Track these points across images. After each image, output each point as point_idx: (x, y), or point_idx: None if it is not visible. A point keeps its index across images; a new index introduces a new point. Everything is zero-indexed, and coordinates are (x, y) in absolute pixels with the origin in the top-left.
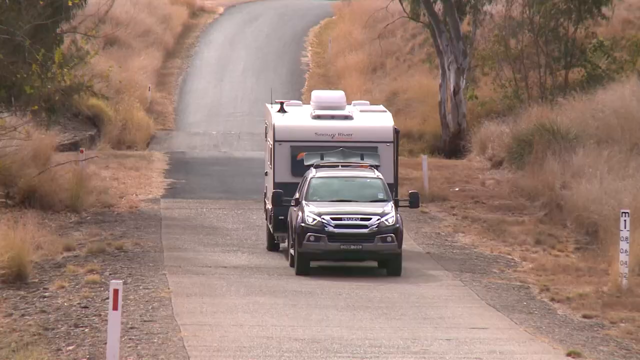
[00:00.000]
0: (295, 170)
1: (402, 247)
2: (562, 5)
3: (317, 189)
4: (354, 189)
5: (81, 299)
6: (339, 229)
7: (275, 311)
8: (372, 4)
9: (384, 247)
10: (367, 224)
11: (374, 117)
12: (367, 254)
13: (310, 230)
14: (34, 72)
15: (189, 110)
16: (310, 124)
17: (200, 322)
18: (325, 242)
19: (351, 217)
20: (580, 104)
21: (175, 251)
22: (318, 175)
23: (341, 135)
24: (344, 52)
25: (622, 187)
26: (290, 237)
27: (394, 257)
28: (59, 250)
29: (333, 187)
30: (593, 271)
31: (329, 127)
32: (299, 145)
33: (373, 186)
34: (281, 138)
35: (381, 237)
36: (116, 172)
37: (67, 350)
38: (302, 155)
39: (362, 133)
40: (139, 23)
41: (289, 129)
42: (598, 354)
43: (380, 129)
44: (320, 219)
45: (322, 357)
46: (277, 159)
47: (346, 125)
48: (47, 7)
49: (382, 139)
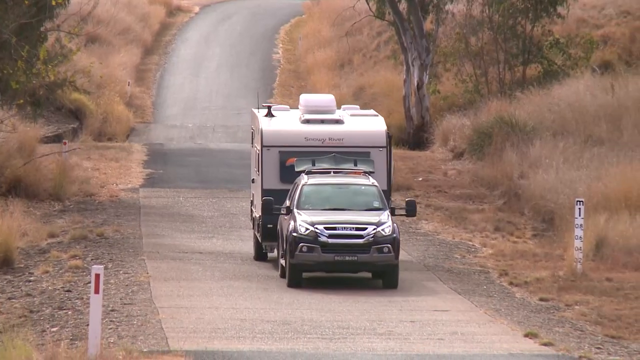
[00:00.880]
0: (285, 177)
1: (399, 258)
2: (519, 4)
3: (309, 196)
4: (348, 196)
5: (64, 283)
6: (333, 239)
7: (248, 294)
8: (340, 3)
9: (381, 258)
10: (363, 233)
11: (366, 121)
12: (363, 265)
13: (303, 240)
14: (20, 68)
15: (166, 104)
16: (300, 128)
17: (177, 305)
18: (319, 253)
19: (346, 226)
20: (537, 98)
21: (154, 238)
22: (310, 182)
23: (332, 140)
24: (313, 49)
25: (577, 177)
26: (280, 247)
27: (391, 268)
28: (43, 237)
29: (326, 194)
30: (549, 257)
31: (319, 131)
32: (288, 151)
33: (368, 194)
34: (269, 143)
35: (377, 247)
36: (97, 162)
37: (51, 332)
38: (292, 161)
39: (354, 138)
40: (119, 21)
41: (278, 134)
42: (554, 335)
43: (373, 133)
44: (313, 229)
45: (293, 338)
46: (265, 165)
47: (337, 130)
48: (32, 7)
49: (375, 143)
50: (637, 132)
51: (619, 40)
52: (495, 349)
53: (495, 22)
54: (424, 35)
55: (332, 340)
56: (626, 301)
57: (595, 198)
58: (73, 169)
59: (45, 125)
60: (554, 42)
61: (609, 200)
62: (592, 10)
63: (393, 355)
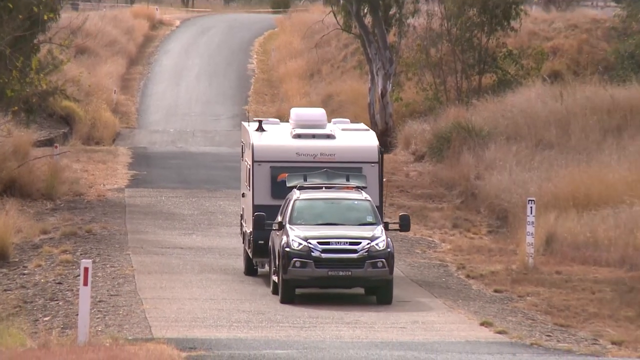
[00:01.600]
0: (276, 192)
1: (393, 273)
2: (476, 18)
3: (301, 211)
4: (341, 211)
5: (56, 276)
6: (327, 254)
7: (226, 286)
8: (310, 18)
9: (375, 273)
10: (357, 248)
11: (357, 136)
12: (357, 280)
13: (296, 255)
14: (14, 77)
15: (149, 110)
16: (291, 143)
17: (160, 296)
18: (312, 268)
19: (339, 241)
20: (491, 105)
21: (138, 234)
22: (302, 197)
23: (323, 155)
24: (285, 60)
25: (529, 178)
26: (272, 263)
27: (385, 283)
28: (36, 234)
29: (319, 209)
30: (503, 251)
31: (310, 146)
32: (280, 166)
33: (361, 208)
34: (260, 158)
35: (371, 262)
36: (86, 165)
37: (43, 321)
38: (283, 177)
39: (346, 153)
40: (105, 34)
41: (269, 149)
42: (507, 323)
43: (365, 148)
44: (306, 244)
45: (267, 327)
46: (256, 180)
47: (328, 145)
48: (26, 21)
49: (367, 159)
50: (584, 137)
51: (567, 52)
52: (453, 337)
53: (453, 34)
54: (388, 47)
55: (303, 329)
56: (574, 292)
57: (546, 197)
58: (63, 170)
59: (38, 130)
60: (507, 53)
61: (558, 199)
62: (542, 24)
63: (359, 342)
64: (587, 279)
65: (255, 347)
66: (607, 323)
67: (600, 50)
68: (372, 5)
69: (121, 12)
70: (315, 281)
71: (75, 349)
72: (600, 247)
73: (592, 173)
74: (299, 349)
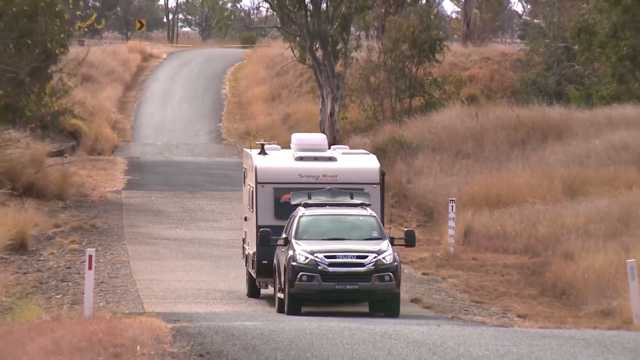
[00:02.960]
0: (279, 213)
1: (400, 287)
2: (407, 52)
3: (307, 227)
4: (347, 227)
5: (66, 262)
6: (334, 268)
7: (204, 270)
8: (272, 52)
9: (382, 287)
10: (364, 262)
11: (358, 159)
12: (364, 294)
13: (303, 269)
14: (32, 100)
15: (141, 127)
16: (294, 165)
17: (151, 278)
18: (319, 282)
19: (346, 254)
20: (420, 122)
21: (133, 228)
22: (308, 214)
23: (326, 176)
24: (251, 86)
25: (450, 182)
26: (277, 281)
27: (392, 297)
28: (50, 227)
29: (324, 225)
30: (429, 242)
31: (313, 168)
32: (283, 187)
33: (366, 224)
34: (263, 180)
35: (379, 275)
36: (90, 171)
37: (56, 298)
38: (286, 198)
39: (348, 174)
40: (105, 65)
41: (272, 171)
42: (433, 300)
43: (366, 170)
44: (313, 257)
45: (237, 303)
46: (259, 201)
47: (330, 167)
48: (41, 54)
49: (369, 180)
50: (495, 149)
51: (481, 79)
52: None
53: (389, 65)
54: (335, 76)
55: (268, 305)
56: (487, 275)
57: (464, 198)
58: (72, 176)
59: (51, 143)
60: (432, 80)
61: (474, 199)
62: (461, 56)
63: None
64: (498, 264)
65: (227, 320)
66: (514, 300)
67: (508, 78)
68: (322, 41)
69: (118, 47)
70: (321, 295)
71: (81, 321)
72: (508, 238)
73: (501, 178)
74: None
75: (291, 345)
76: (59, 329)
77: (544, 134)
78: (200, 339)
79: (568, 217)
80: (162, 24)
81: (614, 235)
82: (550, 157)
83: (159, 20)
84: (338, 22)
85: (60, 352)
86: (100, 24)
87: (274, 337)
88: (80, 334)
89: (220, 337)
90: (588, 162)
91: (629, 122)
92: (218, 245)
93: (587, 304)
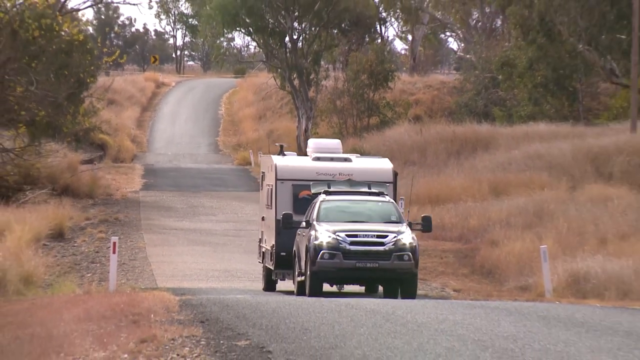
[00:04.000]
0: (297, 209)
1: (418, 268)
2: (366, 81)
3: (328, 211)
4: (367, 211)
5: (95, 247)
6: (355, 246)
7: (205, 254)
8: (259, 80)
9: (401, 266)
10: (384, 241)
11: (372, 160)
12: (384, 272)
13: (325, 247)
14: (68, 119)
15: (155, 141)
16: (312, 164)
17: (162, 260)
18: (340, 260)
19: (367, 234)
20: (376, 137)
21: (148, 220)
22: (329, 199)
23: (342, 175)
24: (242, 108)
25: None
26: (297, 266)
27: (410, 276)
28: (82, 220)
29: (345, 209)
30: None
31: (329, 167)
32: (301, 184)
33: (386, 208)
34: (283, 177)
35: (398, 255)
36: (114, 175)
37: (87, 277)
38: (304, 194)
39: (363, 173)
40: (127, 91)
41: (291, 168)
42: None
43: (380, 170)
44: (335, 236)
45: (230, 279)
46: (279, 197)
47: (346, 166)
48: (76, 82)
49: (382, 179)
50: (436, 158)
51: (424, 103)
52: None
53: (351, 91)
54: (309, 100)
55: (255, 281)
56: (429, 258)
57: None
58: (99, 179)
59: (83, 153)
60: (386, 103)
61: (419, 198)
62: (408, 84)
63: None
64: (438, 249)
65: (223, 293)
66: (450, 278)
67: (446, 102)
68: (298, 72)
69: (137, 77)
70: (343, 273)
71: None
72: (446, 229)
73: (440, 181)
74: (251, 294)
75: (273, 314)
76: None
77: (474, 146)
78: (202, 308)
79: (493, 212)
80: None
81: (530, 226)
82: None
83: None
84: (311, 57)
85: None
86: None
87: (260, 307)
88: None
89: (217, 307)
90: (509, 168)
91: (542, 136)
92: (216, 234)
93: (508, 281)
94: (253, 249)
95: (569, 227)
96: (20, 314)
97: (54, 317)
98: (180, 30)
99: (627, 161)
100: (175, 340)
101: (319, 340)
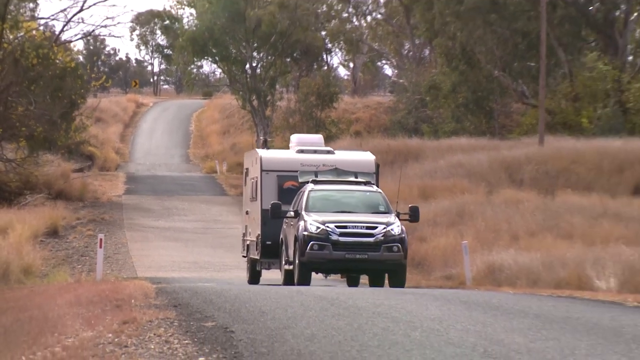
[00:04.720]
0: (282, 199)
1: (407, 259)
2: (314, 101)
3: (317, 201)
4: (355, 201)
5: (84, 243)
6: (344, 238)
7: (178, 248)
8: (223, 101)
9: (390, 257)
10: (374, 232)
11: (355, 153)
12: (373, 263)
13: (314, 238)
14: (62, 134)
15: (136, 152)
16: (296, 156)
17: (142, 254)
18: (330, 251)
19: (357, 225)
20: None
21: (130, 220)
22: (317, 188)
23: (325, 166)
24: (209, 124)
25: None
26: (284, 255)
27: (399, 267)
28: (73, 220)
29: (333, 199)
30: None
31: (313, 159)
32: (285, 175)
33: (374, 198)
34: (268, 168)
35: (387, 246)
36: (101, 182)
37: (77, 268)
38: (289, 184)
39: (346, 164)
40: (111, 110)
41: (275, 160)
42: None
43: (363, 161)
44: (324, 227)
45: (199, 270)
46: (264, 188)
47: (330, 158)
48: (68, 103)
49: (365, 170)
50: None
51: (364, 120)
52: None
53: (302, 110)
54: (266, 118)
55: (220, 272)
56: None
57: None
58: (88, 185)
59: (74, 163)
60: (331, 121)
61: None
62: (350, 105)
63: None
64: None
65: (193, 281)
66: None
67: (382, 120)
68: (257, 95)
69: (120, 98)
70: (332, 264)
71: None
72: None
73: None
74: (217, 283)
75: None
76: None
77: (406, 157)
78: (175, 295)
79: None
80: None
81: (453, 224)
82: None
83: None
84: (268, 82)
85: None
86: (108, 83)
87: (224, 293)
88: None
89: (187, 293)
90: (435, 176)
91: (463, 149)
92: (187, 231)
93: (435, 272)
94: (219, 244)
95: (486, 225)
96: (21, 300)
97: (49, 302)
98: (157, 59)
99: (536, 169)
100: (152, 322)
101: (274, 321)
